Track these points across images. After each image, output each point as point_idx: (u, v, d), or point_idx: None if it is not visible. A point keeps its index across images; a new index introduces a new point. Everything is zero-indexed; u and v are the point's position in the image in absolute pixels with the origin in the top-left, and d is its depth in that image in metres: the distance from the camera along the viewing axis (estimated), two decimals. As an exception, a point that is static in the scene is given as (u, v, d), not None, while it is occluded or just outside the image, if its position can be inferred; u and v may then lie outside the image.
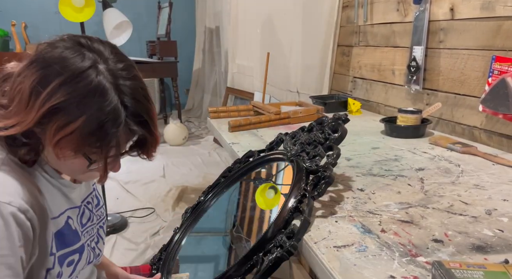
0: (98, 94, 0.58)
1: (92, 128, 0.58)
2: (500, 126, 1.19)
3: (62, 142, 0.58)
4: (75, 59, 0.58)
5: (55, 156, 0.61)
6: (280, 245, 0.66)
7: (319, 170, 0.77)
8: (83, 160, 0.62)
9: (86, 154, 0.61)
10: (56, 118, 0.57)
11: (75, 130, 0.57)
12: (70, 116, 0.57)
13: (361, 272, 0.56)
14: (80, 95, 0.57)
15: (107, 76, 0.59)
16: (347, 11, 2.00)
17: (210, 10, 4.40)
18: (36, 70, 0.58)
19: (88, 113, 0.57)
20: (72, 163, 0.63)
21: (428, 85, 1.49)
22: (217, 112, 1.64)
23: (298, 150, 0.89)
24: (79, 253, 0.74)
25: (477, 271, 0.50)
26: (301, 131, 0.99)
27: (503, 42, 1.16)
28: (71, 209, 0.72)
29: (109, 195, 2.36)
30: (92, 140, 0.59)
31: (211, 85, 4.61)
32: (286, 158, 0.89)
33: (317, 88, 2.17)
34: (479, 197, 0.82)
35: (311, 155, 0.84)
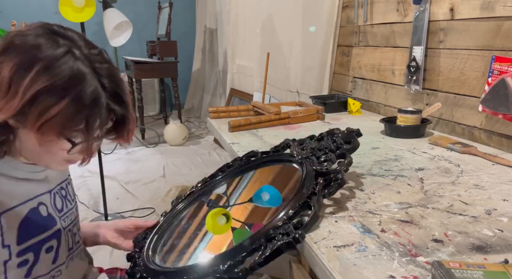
0: (78, 78, 0.60)
1: (75, 110, 0.60)
2: (500, 126, 1.19)
3: (45, 126, 0.59)
4: (50, 45, 0.60)
5: (37, 141, 0.62)
6: (287, 233, 0.66)
7: (330, 172, 0.78)
8: (64, 144, 0.63)
9: (68, 137, 0.63)
10: (38, 103, 0.58)
11: (58, 113, 0.59)
12: (52, 99, 0.58)
13: (361, 272, 0.56)
14: (61, 80, 0.59)
15: (83, 61, 0.61)
16: (347, 11, 2.00)
17: (210, 10, 4.41)
18: (13, 57, 0.59)
19: (70, 96, 0.59)
20: (51, 149, 0.64)
21: (428, 85, 1.49)
22: (217, 112, 1.64)
23: (308, 154, 0.90)
24: (56, 239, 0.74)
25: (477, 271, 0.50)
26: (309, 139, 1.00)
27: (503, 42, 1.16)
28: (41, 195, 0.73)
29: (109, 195, 2.36)
30: (76, 122, 0.61)
31: (211, 85, 4.61)
32: (294, 160, 0.90)
33: (317, 88, 2.18)
34: (479, 197, 0.82)
35: (321, 159, 0.86)
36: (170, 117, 4.14)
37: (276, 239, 0.66)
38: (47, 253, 0.72)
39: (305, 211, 0.71)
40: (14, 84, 0.58)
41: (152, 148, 3.70)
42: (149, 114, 4.76)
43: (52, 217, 0.74)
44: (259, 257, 0.64)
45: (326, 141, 0.94)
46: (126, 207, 2.42)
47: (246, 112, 1.67)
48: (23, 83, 0.57)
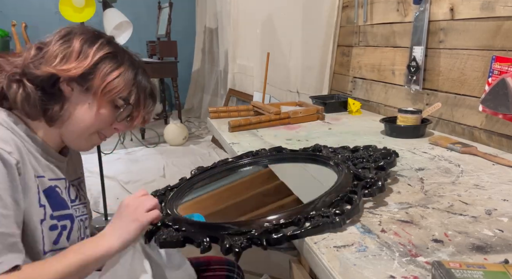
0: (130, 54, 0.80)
1: (130, 75, 0.76)
2: (500, 127, 1.19)
3: (108, 87, 0.73)
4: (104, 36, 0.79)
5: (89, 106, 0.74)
6: (328, 216, 0.67)
7: (369, 177, 0.79)
8: (111, 111, 0.76)
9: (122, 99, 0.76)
10: (103, 66, 0.73)
11: (119, 76, 0.74)
12: (114, 64, 0.75)
13: (361, 272, 0.56)
14: (120, 51, 0.78)
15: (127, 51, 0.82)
16: (347, 11, 2.00)
17: (210, 10, 4.41)
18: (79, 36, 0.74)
19: (126, 63, 0.76)
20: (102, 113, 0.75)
21: (428, 85, 1.49)
22: (217, 112, 1.64)
23: (346, 157, 0.92)
24: (70, 221, 0.77)
25: (477, 271, 0.50)
26: (342, 149, 1.02)
27: (503, 42, 1.16)
28: (58, 180, 0.77)
29: (109, 195, 2.36)
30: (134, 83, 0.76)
31: (211, 85, 4.61)
32: (328, 162, 0.91)
33: (317, 88, 2.17)
34: (479, 197, 0.82)
35: (359, 166, 0.87)
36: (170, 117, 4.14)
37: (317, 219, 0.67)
38: (62, 230, 0.75)
39: (343, 204, 0.73)
40: (84, 51, 0.73)
41: (152, 148, 3.70)
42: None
43: (65, 201, 0.78)
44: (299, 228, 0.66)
45: (363, 152, 0.96)
46: (126, 207, 2.42)
47: (246, 112, 1.67)
48: (92, 49, 0.73)
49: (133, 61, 0.79)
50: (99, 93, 0.73)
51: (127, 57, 0.78)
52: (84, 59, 0.72)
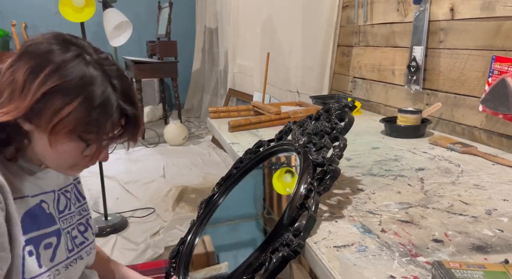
0: (89, 79, 0.63)
1: (87, 110, 0.63)
2: (500, 126, 1.19)
3: (58, 125, 0.62)
4: (61, 50, 0.64)
5: (49, 143, 0.64)
6: (287, 244, 0.66)
7: (325, 163, 0.76)
8: (78, 145, 0.66)
9: (82, 136, 0.65)
10: (52, 103, 0.61)
11: (71, 113, 0.62)
12: (64, 100, 0.62)
13: (361, 272, 0.56)
14: (72, 81, 0.62)
15: (93, 64, 0.65)
16: (347, 11, 2.00)
17: (210, 10, 4.41)
18: (27, 62, 0.62)
19: (82, 96, 0.62)
20: (65, 150, 0.66)
21: (428, 85, 1.49)
22: (217, 112, 1.64)
23: (305, 141, 0.87)
24: (56, 237, 0.75)
25: (477, 271, 0.50)
26: (309, 120, 0.96)
27: (503, 42, 1.16)
28: (45, 194, 0.74)
29: (109, 195, 2.36)
30: (88, 122, 0.63)
31: (211, 85, 4.61)
32: (293, 148, 0.88)
33: (317, 88, 2.17)
34: (479, 197, 0.82)
35: (317, 146, 0.82)
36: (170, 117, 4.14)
37: (279, 250, 0.66)
38: (45, 250, 0.72)
39: (304, 212, 0.71)
40: (27, 85, 0.61)
41: (152, 148, 3.70)
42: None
43: (52, 216, 0.75)
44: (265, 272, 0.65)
45: (322, 121, 0.89)
46: (126, 207, 2.43)
47: (246, 112, 1.67)
48: (35, 83, 0.61)
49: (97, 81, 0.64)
50: (50, 132, 0.62)
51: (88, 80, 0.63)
52: (26, 96, 0.61)
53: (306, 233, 0.67)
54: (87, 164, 0.71)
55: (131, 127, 0.70)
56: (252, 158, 1.00)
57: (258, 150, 1.02)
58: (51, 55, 0.62)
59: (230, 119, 1.45)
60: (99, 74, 0.64)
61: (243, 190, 1.05)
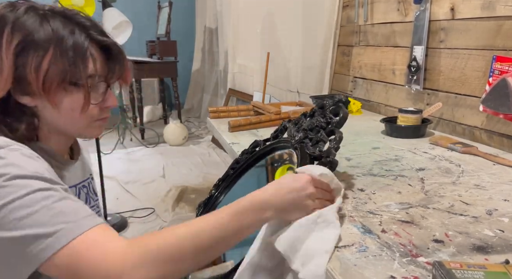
0: (51, 23, 0.62)
1: (63, 54, 0.61)
2: (500, 126, 1.19)
3: (47, 82, 0.61)
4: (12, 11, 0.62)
5: (51, 107, 0.63)
6: None
7: (322, 155, 0.77)
8: (77, 95, 0.65)
9: (73, 83, 0.63)
10: (29, 62, 0.60)
11: (51, 62, 0.61)
12: (38, 52, 0.60)
13: (362, 272, 0.56)
14: (35, 30, 0.61)
15: (48, 12, 0.64)
16: (347, 11, 2.00)
17: (210, 10, 4.41)
18: None
19: (53, 42, 0.61)
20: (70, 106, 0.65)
21: (428, 85, 1.48)
22: (217, 112, 1.64)
23: (301, 137, 0.88)
24: None
25: (477, 271, 0.49)
26: (303, 117, 0.97)
27: (503, 42, 1.16)
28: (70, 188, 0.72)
29: (109, 195, 2.36)
30: (70, 65, 0.62)
31: (211, 85, 4.61)
32: (290, 145, 0.89)
33: (317, 88, 2.17)
34: (480, 197, 0.82)
35: (314, 140, 0.84)
36: (170, 117, 4.14)
37: None
38: None
39: None
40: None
41: (152, 148, 3.70)
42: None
43: None
44: None
45: (317, 117, 0.90)
46: (126, 207, 2.42)
47: (246, 112, 1.67)
48: (2, 50, 0.60)
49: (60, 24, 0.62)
50: (43, 93, 0.62)
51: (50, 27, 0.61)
52: (2, 68, 0.60)
53: None
54: (101, 115, 0.70)
55: (117, 62, 0.68)
56: (248, 158, 1.00)
57: (254, 150, 1.02)
58: (4, 19, 0.61)
59: (230, 119, 1.45)
60: (59, 19, 0.63)
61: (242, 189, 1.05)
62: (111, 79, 0.69)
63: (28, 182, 0.55)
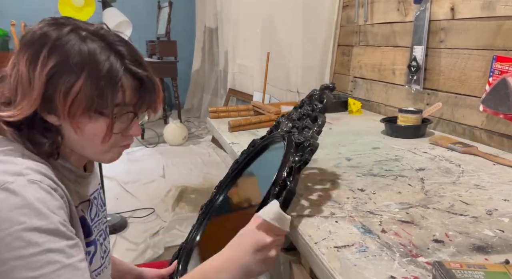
0: (90, 48, 0.61)
1: (95, 81, 0.61)
2: (501, 126, 1.19)
3: (74, 106, 0.61)
4: (55, 30, 0.62)
5: (73, 129, 0.63)
6: None
7: (305, 140, 0.77)
8: (101, 123, 0.64)
9: (99, 111, 0.62)
10: (59, 85, 0.60)
11: (81, 89, 0.60)
12: (71, 77, 0.60)
13: (362, 272, 0.56)
14: (72, 54, 0.60)
15: (90, 36, 0.63)
16: (347, 11, 2.00)
17: (210, 10, 4.40)
18: (24, 53, 0.61)
19: (87, 69, 0.60)
20: (92, 132, 0.64)
21: (428, 85, 1.48)
22: (217, 112, 1.64)
23: (290, 127, 0.89)
24: (94, 246, 0.74)
25: (477, 271, 0.50)
26: (294, 110, 0.99)
27: (503, 42, 1.16)
28: (82, 203, 0.73)
29: (109, 195, 2.36)
30: (99, 94, 0.61)
31: (211, 85, 4.61)
32: (280, 136, 0.89)
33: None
34: (480, 197, 0.82)
35: (300, 128, 0.84)
36: (169, 117, 4.14)
37: None
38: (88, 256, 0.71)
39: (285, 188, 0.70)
40: (30, 75, 0.60)
41: (152, 148, 3.70)
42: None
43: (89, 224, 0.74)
44: None
45: (305, 107, 0.91)
46: (126, 207, 2.42)
47: (246, 112, 1.67)
48: (37, 69, 0.60)
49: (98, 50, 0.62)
50: (69, 116, 0.62)
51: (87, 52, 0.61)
52: (33, 86, 0.60)
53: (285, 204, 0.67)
54: (122, 142, 0.69)
55: (147, 93, 0.66)
56: (245, 157, 1.00)
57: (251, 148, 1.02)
58: (45, 38, 0.61)
59: (230, 119, 1.45)
60: (98, 45, 0.62)
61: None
62: (140, 109, 0.68)
63: (40, 239, 0.55)
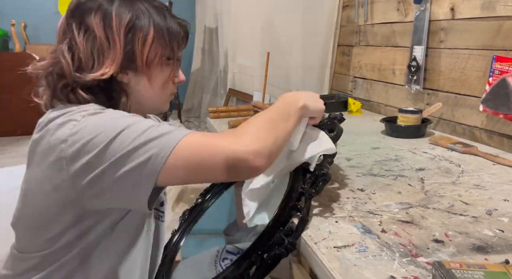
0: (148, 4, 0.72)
1: (162, 31, 0.71)
2: (500, 126, 1.19)
3: (151, 55, 0.71)
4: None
5: (148, 79, 0.72)
6: (279, 243, 0.67)
7: (316, 169, 0.77)
8: (167, 69, 0.75)
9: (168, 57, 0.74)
10: (136, 38, 0.69)
11: (155, 38, 0.70)
12: (143, 29, 0.69)
13: (362, 272, 0.56)
14: (138, 9, 0.70)
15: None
16: (347, 11, 2.00)
17: (210, 10, 4.40)
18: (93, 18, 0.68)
19: (153, 20, 0.70)
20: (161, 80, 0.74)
21: (428, 85, 1.48)
22: (217, 112, 1.64)
23: None
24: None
25: (477, 271, 0.50)
26: None
27: (503, 42, 1.16)
28: None
29: (109, 195, 2.35)
30: (168, 40, 0.72)
31: (210, 85, 4.61)
32: None
33: (317, 88, 2.17)
34: (480, 197, 0.82)
35: None
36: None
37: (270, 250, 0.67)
38: None
39: (295, 214, 0.71)
40: (109, 35, 0.68)
41: (152, 147, 3.69)
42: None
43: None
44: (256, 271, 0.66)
45: None
46: (126, 207, 2.42)
47: (246, 112, 1.67)
48: (113, 29, 0.67)
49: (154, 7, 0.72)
50: (145, 68, 0.71)
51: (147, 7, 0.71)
52: (114, 45, 0.68)
53: (297, 232, 0.67)
54: (174, 89, 0.80)
55: (186, 40, 0.78)
56: None
57: None
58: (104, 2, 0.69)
59: (230, 119, 1.45)
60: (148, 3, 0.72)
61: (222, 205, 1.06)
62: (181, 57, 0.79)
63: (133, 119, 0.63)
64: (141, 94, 0.74)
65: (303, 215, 0.69)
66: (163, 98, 0.78)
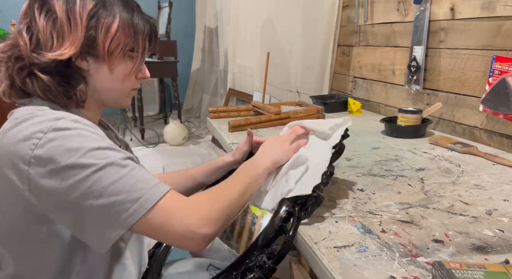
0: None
1: (128, 22, 0.70)
2: (500, 127, 1.19)
3: (112, 44, 0.69)
4: None
5: (109, 68, 0.70)
6: (260, 265, 0.65)
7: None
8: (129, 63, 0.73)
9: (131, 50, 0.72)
10: (100, 25, 0.67)
11: (119, 27, 0.69)
12: (108, 17, 0.68)
13: (362, 272, 0.56)
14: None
15: None
16: (347, 11, 2.00)
17: (210, 10, 4.40)
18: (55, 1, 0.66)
19: (119, 10, 0.69)
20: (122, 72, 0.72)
21: (428, 85, 1.49)
22: (217, 112, 1.64)
23: None
24: None
25: (477, 271, 0.50)
26: None
27: (503, 42, 1.16)
28: None
29: (109, 195, 2.35)
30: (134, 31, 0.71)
31: (210, 85, 4.61)
32: None
33: (317, 88, 2.17)
34: (480, 197, 0.82)
35: None
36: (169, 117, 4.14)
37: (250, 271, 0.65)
38: None
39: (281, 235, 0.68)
40: (71, 17, 0.66)
41: (152, 148, 3.70)
42: (148, 115, 4.76)
43: None
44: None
45: None
46: (126, 207, 2.42)
47: (246, 112, 1.67)
48: (76, 12, 0.66)
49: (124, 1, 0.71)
50: (107, 57, 0.69)
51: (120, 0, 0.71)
52: (75, 27, 0.66)
53: (280, 258, 0.65)
54: (136, 85, 0.78)
55: (153, 38, 0.77)
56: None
57: None
58: None
59: (230, 119, 1.45)
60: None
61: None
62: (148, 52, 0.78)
63: (106, 153, 0.61)
64: (100, 84, 0.72)
65: (288, 238, 0.66)
66: (123, 92, 0.76)
